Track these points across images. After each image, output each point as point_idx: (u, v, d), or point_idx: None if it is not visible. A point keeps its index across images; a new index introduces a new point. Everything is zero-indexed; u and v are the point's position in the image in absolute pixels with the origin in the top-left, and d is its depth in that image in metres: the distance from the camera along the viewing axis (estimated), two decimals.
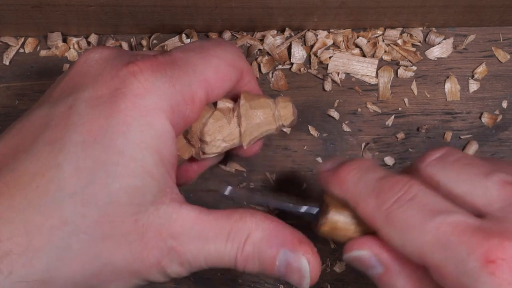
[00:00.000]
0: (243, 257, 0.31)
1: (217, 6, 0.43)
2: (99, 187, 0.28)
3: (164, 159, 0.30)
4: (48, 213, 0.28)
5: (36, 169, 0.28)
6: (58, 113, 0.30)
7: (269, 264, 0.31)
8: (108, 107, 0.29)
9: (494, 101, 0.46)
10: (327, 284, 0.45)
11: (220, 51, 0.34)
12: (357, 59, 0.46)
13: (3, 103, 0.47)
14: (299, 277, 0.32)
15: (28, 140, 0.30)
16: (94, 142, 0.28)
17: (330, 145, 0.46)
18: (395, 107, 0.46)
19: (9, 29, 0.47)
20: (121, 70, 0.30)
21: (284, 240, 0.31)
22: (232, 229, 0.31)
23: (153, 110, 0.30)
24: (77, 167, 0.28)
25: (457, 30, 0.47)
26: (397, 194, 0.30)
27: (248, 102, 0.34)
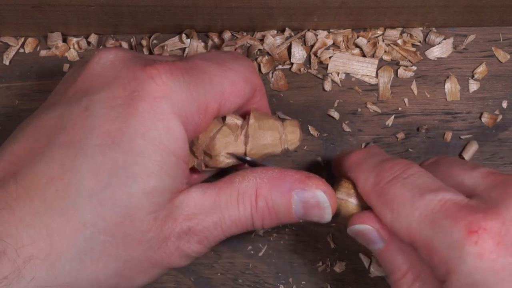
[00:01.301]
0: (258, 214, 0.31)
1: (217, 6, 0.43)
2: (119, 189, 0.28)
3: (180, 160, 0.30)
4: (68, 216, 0.28)
5: (53, 172, 0.28)
6: (73, 115, 0.30)
7: (286, 211, 0.32)
8: (125, 109, 0.29)
9: (494, 101, 0.46)
10: (327, 284, 0.45)
11: (237, 66, 0.34)
12: (357, 59, 0.46)
13: (3, 103, 0.47)
14: (319, 211, 0.32)
15: (42, 142, 0.29)
16: (113, 144, 0.29)
17: (330, 145, 0.46)
18: (395, 107, 0.46)
19: (9, 29, 0.47)
20: (139, 72, 0.30)
21: (292, 182, 0.32)
22: (239, 192, 0.31)
23: (170, 114, 0.30)
24: (95, 169, 0.28)
25: (457, 30, 0.47)
26: (395, 174, 0.31)
27: (258, 122, 0.34)
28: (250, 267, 0.45)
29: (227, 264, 0.45)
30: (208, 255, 0.45)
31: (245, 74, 0.34)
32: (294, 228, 0.45)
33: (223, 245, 0.45)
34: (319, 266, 0.45)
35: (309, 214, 0.32)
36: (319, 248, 0.45)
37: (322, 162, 0.46)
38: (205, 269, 0.45)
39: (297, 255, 0.45)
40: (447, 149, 0.45)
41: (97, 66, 0.32)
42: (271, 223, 0.32)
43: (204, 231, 0.31)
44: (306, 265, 0.45)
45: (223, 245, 0.45)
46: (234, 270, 0.45)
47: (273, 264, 0.45)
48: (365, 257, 0.44)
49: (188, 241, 0.30)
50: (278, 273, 0.45)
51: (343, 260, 0.45)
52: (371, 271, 0.44)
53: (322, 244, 0.45)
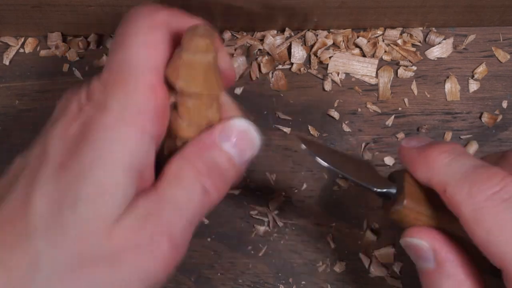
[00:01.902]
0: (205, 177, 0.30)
1: (217, 6, 0.43)
2: (68, 213, 0.28)
3: (136, 171, 0.29)
4: (24, 251, 0.28)
5: (11, 213, 0.29)
6: (33, 155, 0.30)
7: (223, 158, 0.31)
8: (77, 136, 0.29)
9: (494, 101, 0.46)
10: (327, 284, 0.45)
11: (133, 32, 0.31)
12: (357, 59, 0.46)
13: (3, 103, 0.47)
14: (248, 138, 0.32)
15: (7, 187, 0.30)
16: (65, 170, 0.28)
17: (330, 145, 0.46)
18: (395, 107, 0.46)
19: (9, 29, 0.47)
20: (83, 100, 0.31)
21: (210, 135, 0.31)
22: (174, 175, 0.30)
23: (119, 125, 0.29)
24: (48, 200, 0.28)
25: (457, 30, 0.47)
26: (493, 189, 0.28)
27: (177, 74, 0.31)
28: (250, 267, 0.45)
29: (227, 264, 0.45)
30: (208, 255, 0.45)
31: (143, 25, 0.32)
32: (294, 228, 0.45)
33: (223, 245, 0.45)
34: (319, 266, 0.45)
35: (243, 150, 0.31)
36: (319, 248, 0.45)
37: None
38: (205, 269, 0.45)
39: (297, 255, 0.45)
40: None
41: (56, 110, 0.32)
42: (222, 183, 0.31)
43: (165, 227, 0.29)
44: (306, 265, 0.45)
45: (223, 245, 0.45)
46: (234, 270, 0.45)
47: (273, 264, 0.45)
48: (365, 257, 0.44)
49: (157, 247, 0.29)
50: (278, 273, 0.45)
51: (343, 260, 0.45)
52: (371, 271, 0.44)
53: (322, 244, 0.45)
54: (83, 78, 0.47)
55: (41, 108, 0.47)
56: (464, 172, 0.29)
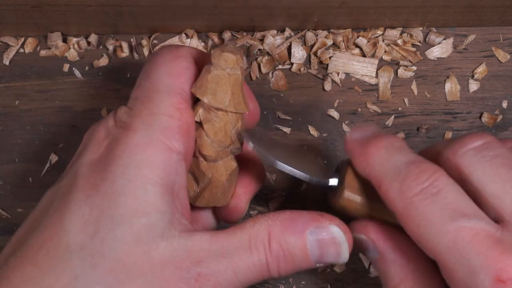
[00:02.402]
0: (273, 257, 0.30)
1: (217, 6, 0.43)
2: (105, 234, 0.28)
3: (169, 189, 0.29)
4: (58, 273, 0.28)
5: (44, 237, 0.29)
6: (63, 184, 0.31)
7: (301, 253, 0.30)
8: (105, 159, 0.30)
9: (494, 101, 0.46)
10: (327, 284, 0.45)
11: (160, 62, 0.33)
12: (357, 59, 0.46)
13: (3, 103, 0.47)
14: (335, 248, 0.31)
15: (39, 217, 0.30)
16: (97, 193, 0.29)
17: (330, 145, 0.46)
18: (395, 107, 0.46)
19: (9, 29, 0.47)
20: (110, 126, 0.31)
21: (305, 222, 0.31)
22: (251, 236, 0.30)
23: (146, 144, 0.30)
24: (82, 222, 0.28)
25: (457, 30, 0.47)
26: (423, 184, 0.29)
27: (204, 91, 0.32)
28: None
29: None
30: None
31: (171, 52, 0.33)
32: None
33: None
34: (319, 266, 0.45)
35: (325, 253, 0.31)
36: None
37: (322, 162, 0.46)
38: None
39: None
40: None
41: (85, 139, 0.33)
42: (287, 267, 0.30)
43: (215, 275, 0.29)
44: None
45: None
46: None
47: None
48: (365, 257, 0.44)
49: (200, 287, 0.28)
50: None
51: None
52: (371, 271, 0.44)
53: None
54: (83, 78, 0.47)
55: (41, 108, 0.47)
56: (396, 168, 0.30)
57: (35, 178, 0.47)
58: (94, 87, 0.47)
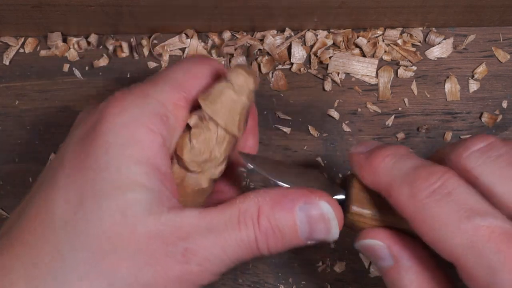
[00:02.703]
0: (262, 233, 0.30)
1: (217, 6, 0.43)
2: (89, 208, 0.28)
3: (155, 169, 0.29)
4: (42, 250, 0.28)
5: (31, 216, 0.29)
6: (52, 164, 0.31)
7: (291, 229, 0.30)
8: (90, 136, 0.30)
9: (494, 101, 0.46)
10: (327, 284, 0.45)
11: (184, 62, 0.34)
12: (357, 59, 0.46)
13: (3, 103, 0.47)
14: (325, 225, 0.31)
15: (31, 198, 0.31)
16: (81, 169, 0.29)
17: (330, 145, 0.46)
18: (395, 107, 0.46)
19: (9, 29, 0.47)
20: (99, 105, 0.31)
21: (295, 198, 0.30)
22: (240, 212, 0.30)
23: (132, 123, 0.30)
24: (67, 198, 0.29)
25: (457, 30, 0.47)
26: (433, 186, 0.29)
27: (207, 100, 0.32)
28: (250, 267, 0.45)
29: None
30: None
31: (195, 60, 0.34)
32: None
33: None
34: (319, 266, 0.45)
35: (315, 230, 0.31)
36: (319, 248, 0.45)
37: (322, 162, 0.46)
38: None
39: (297, 255, 0.45)
40: None
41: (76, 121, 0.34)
42: (276, 245, 0.30)
43: (203, 250, 0.29)
44: (306, 265, 0.45)
45: None
46: (234, 270, 0.45)
47: (273, 264, 0.45)
48: (365, 257, 0.44)
49: (186, 262, 0.29)
50: (278, 273, 0.45)
51: (343, 260, 0.45)
52: (371, 271, 0.44)
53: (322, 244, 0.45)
54: (83, 78, 0.47)
55: (41, 108, 0.47)
56: (405, 173, 0.30)
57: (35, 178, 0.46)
58: (94, 87, 0.47)
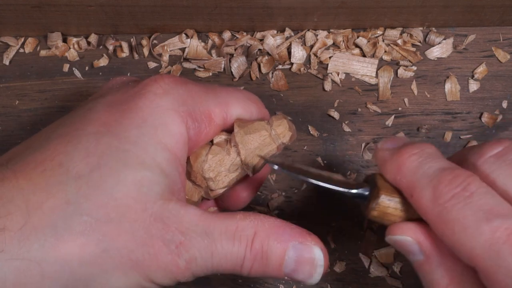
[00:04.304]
0: (252, 255, 0.30)
1: (217, 6, 0.43)
2: (107, 172, 0.28)
3: (176, 158, 0.30)
4: (51, 193, 0.28)
5: (44, 156, 0.29)
6: (76, 115, 0.31)
7: (277, 261, 0.31)
8: (125, 105, 0.30)
9: (494, 101, 0.46)
10: (327, 284, 0.45)
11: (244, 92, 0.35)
12: (357, 59, 0.46)
13: (3, 103, 0.47)
14: (310, 269, 0.31)
15: (42, 137, 0.30)
16: (108, 132, 0.29)
17: (330, 145, 0.46)
18: (395, 107, 0.46)
19: (9, 29, 0.47)
20: (144, 80, 0.32)
21: (292, 234, 0.31)
22: (237, 228, 0.30)
23: (170, 110, 0.30)
24: (87, 153, 0.28)
25: (457, 30, 0.47)
26: (455, 189, 0.29)
27: (242, 129, 0.34)
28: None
29: None
30: None
31: (250, 96, 0.35)
32: None
33: None
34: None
35: (299, 270, 0.31)
36: None
37: (322, 162, 0.46)
38: None
39: None
40: (447, 149, 0.45)
41: (111, 83, 0.34)
42: (258, 269, 0.31)
43: (194, 249, 0.29)
44: None
45: None
46: None
47: None
48: (365, 257, 0.44)
49: (177, 255, 0.29)
50: None
51: (343, 260, 0.45)
52: (371, 271, 0.44)
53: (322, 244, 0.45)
54: (83, 78, 0.47)
55: (41, 108, 0.47)
56: (429, 176, 0.30)
57: None
58: (94, 87, 0.47)
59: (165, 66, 0.47)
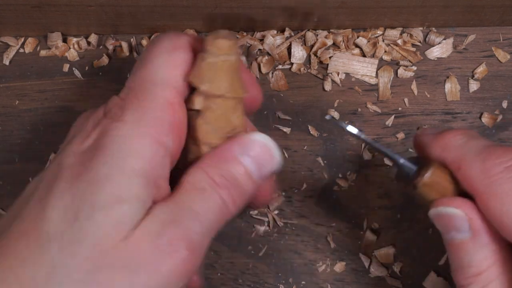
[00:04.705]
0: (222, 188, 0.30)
1: (217, 6, 0.43)
2: (84, 221, 0.28)
3: (151, 181, 0.29)
4: (37, 263, 0.28)
5: (26, 226, 0.28)
6: (48, 174, 0.30)
7: (244, 175, 0.31)
8: (92, 150, 0.29)
9: (494, 101, 0.46)
10: (327, 284, 0.45)
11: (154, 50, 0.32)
12: (357, 59, 0.46)
13: (3, 103, 0.47)
14: (269, 154, 0.32)
15: (22, 206, 0.30)
16: (80, 182, 0.28)
17: (330, 145, 0.46)
18: (395, 107, 0.46)
19: (9, 29, 0.47)
20: (99, 117, 0.31)
21: (230, 148, 0.31)
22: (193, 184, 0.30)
23: (134, 136, 0.29)
24: (64, 210, 0.28)
25: (457, 30, 0.47)
26: (507, 163, 0.29)
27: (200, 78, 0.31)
28: (250, 267, 0.45)
29: (227, 264, 0.45)
30: (208, 255, 0.45)
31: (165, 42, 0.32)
32: (294, 228, 0.45)
33: (223, 245, 0.45)
34: (319, 266, 0.45)
35: (262, 164, 0.31)
36: (319, 248, 0.45)
37: (322, 162, 0.46)
38: (205, 269, 0.45)
39: (297, 255, 0.45)
40: None
41: (73, 128, 0.33)
42: (239, 195, 0.31)
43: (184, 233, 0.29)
44: (306, 265, 0.45)
45: (223, 245, 0.45)
46: (234, 270, 0.45)
47: (273, 264, 0.45)
48: (365, 257, 0.44)
49: (175, 251, 0.29)
50: (278, 273, 0.45)
51: (343, 260, 0.45)
52: (371, 271, 0.44)
53: (322, 244, 0.45)
54: (83, 78, 0.47)
55: (41, 108, 0.47)
56: (478, 149, 0.30)
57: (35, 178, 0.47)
58: (94, 87, 0.47)
59: None
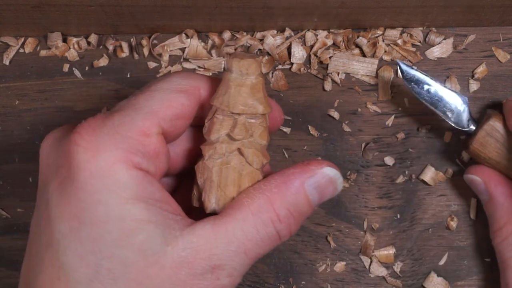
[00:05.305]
0: (284, 224, 0.30)
1: (217, 6, 0.43)
2: (109, 262, 0.28)
3: (149, 200, 0.29)
4: None
5: (51, 277, 0.29)
6: (41, 214, 0.30)
7: (306, 205, 0.31)
8: (73, 188, 0.29)
9: (494, 101, 0.46)
10: (327, 284, 0.45)
11: (161, 83, 0.32)
12: (357, 59, 0.46)
13: (3, 103, 0.47)
14: (332, 186, 0.32)
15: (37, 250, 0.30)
16: (80, 225, 0.28)
17: (330, 145, 0.46)
18: (395, 107, 0.46)
19: (9, 29, 0.47)
20: (67, 146, 0.30)
21: (299, 177, 0.31)
22: (253, 213, 0.30)
23: (111, 166, 0.29)
24: (79, 257, 0.28)
25: (457, 30, 0.47)
26: None
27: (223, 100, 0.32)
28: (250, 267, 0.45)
29: None
30: None
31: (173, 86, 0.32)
32: None
33: None
34: (319, 266, 0.45)
35: (325, 194, 0.32)
36: (319, 248, 0.45)
37: None
38: None
39: (297, 255, 0.45)
40: (447, 149, 0.45)
41: (43, 157, 0.32)
42: (296, 225, 0.31)
43: (228, 263, 0.29)
44: (306, 265, 0.45)
45: None
46: None
47: (273, 264, 0.45)
48: (365, 257, 0.44)
49: (217, 279, 0.29)
50: (278, 273, 0.45)
51: (343, 260, 0.45)
52: (371, 271, 0.44)
53: (322, 244, 0.45)
54: (83, 78, 0.47)
55: (41, 108, 0.47)
56: None
57: (35, 178, 0.47)
58: (94, 87, 0.47)
59: (165, 66, 0.47)
